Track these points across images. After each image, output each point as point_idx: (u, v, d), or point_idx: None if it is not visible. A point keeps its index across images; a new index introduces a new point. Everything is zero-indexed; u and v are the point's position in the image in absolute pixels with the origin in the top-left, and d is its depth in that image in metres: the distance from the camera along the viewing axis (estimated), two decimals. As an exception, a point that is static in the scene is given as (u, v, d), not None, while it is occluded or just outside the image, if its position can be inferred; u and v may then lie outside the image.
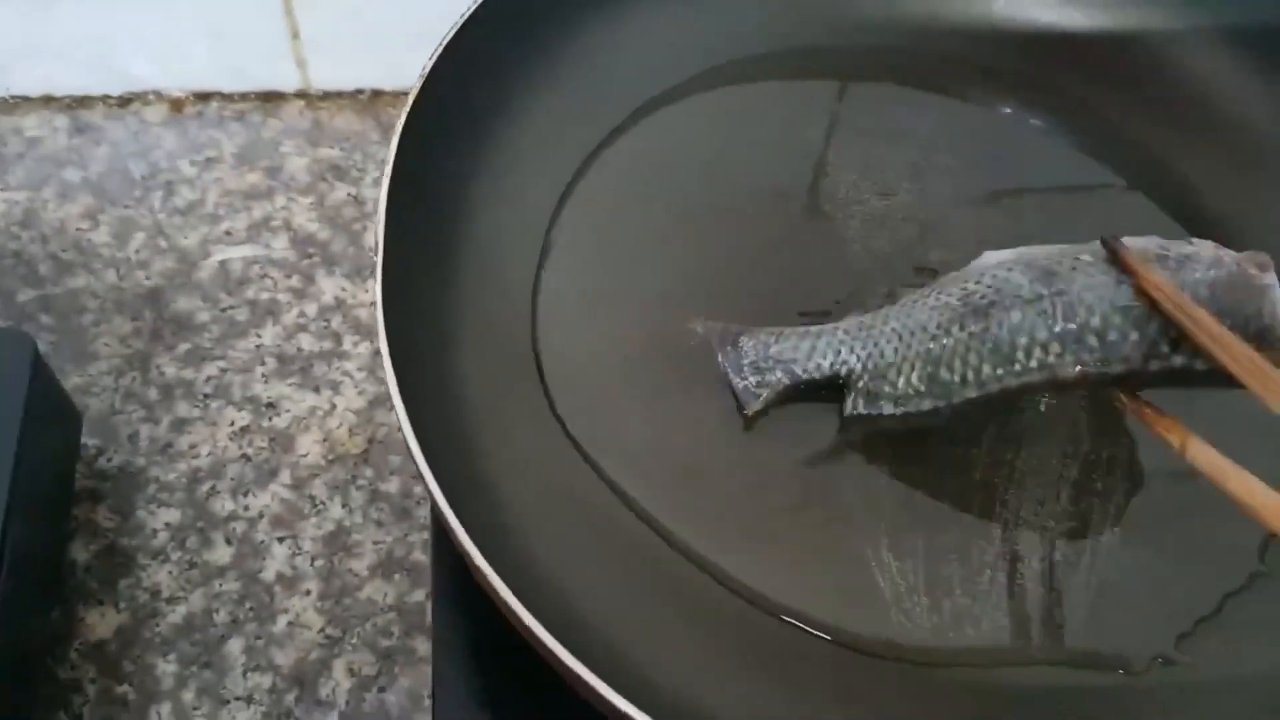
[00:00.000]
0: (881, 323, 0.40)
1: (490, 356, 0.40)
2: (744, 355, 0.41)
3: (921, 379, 0.39)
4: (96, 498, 0.47)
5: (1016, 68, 0.48)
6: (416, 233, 0.39)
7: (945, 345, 0.38)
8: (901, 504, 0.39)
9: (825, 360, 0.40)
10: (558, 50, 0.46)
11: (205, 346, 0.51)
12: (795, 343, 0.41)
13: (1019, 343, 0.37)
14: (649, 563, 0.37)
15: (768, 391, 0.40)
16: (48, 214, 0.54)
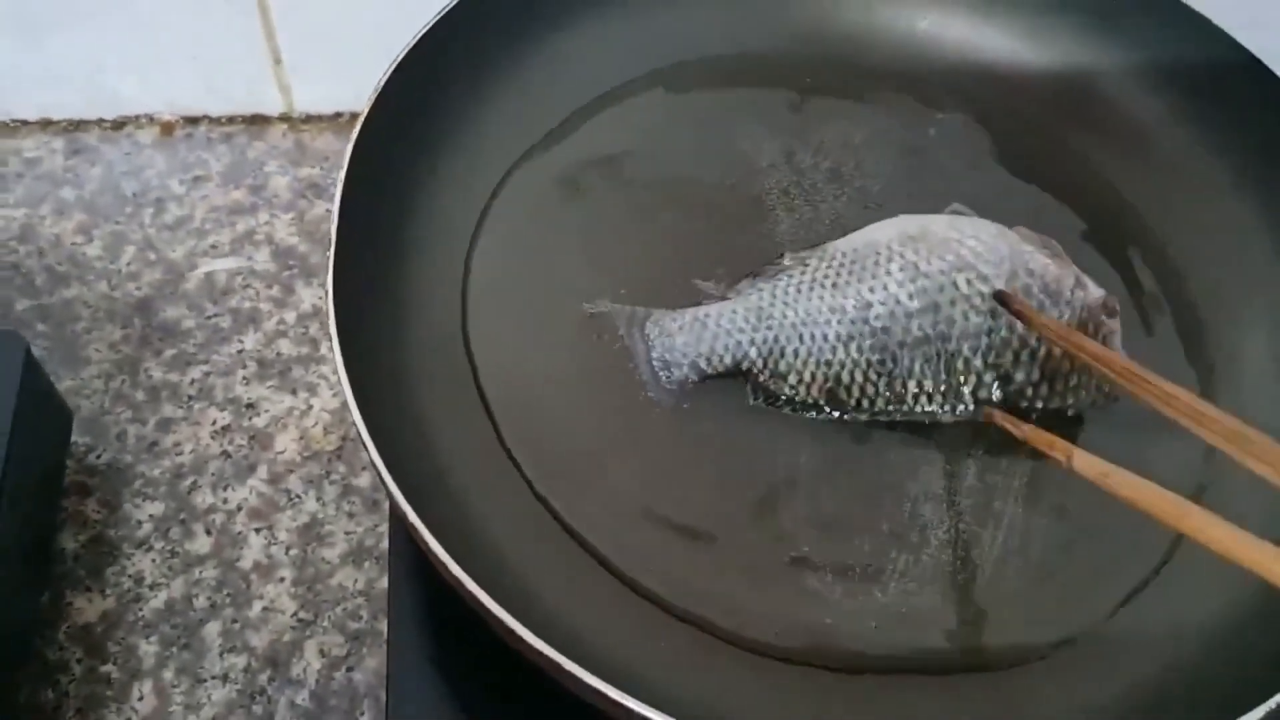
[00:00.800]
0: (780, 311, 0.43)
1: (430, 352, 0.43)
2: (651, 346, 0.44)
3: (821, 392, 0.42)
4: (86, 491, 0.50)
5: (941, 81, 0.52)
6: (367, 232, 0.42)
7: (843, 364, 0.42)
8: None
9: (728, 355, 0.43)
10: (505, 61, 0.49)
11: (190, 352, 0.54)
12: (698, 333, 0.43)
13: (909, 388, 0.42)
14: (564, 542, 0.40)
15: (677, 388, 0.43)
16: (44, 229, 0.57)
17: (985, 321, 0.41)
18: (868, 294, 0.42)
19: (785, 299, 0.43)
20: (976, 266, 0.41)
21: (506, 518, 0.40)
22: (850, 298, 0.42)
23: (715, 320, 0.43)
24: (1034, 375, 0.41)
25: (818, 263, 0.44)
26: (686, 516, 0.40)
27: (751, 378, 0.43)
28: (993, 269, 0.41)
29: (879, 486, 0.41)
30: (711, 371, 0.43)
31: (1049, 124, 0.50)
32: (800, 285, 0.43)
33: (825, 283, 0.43)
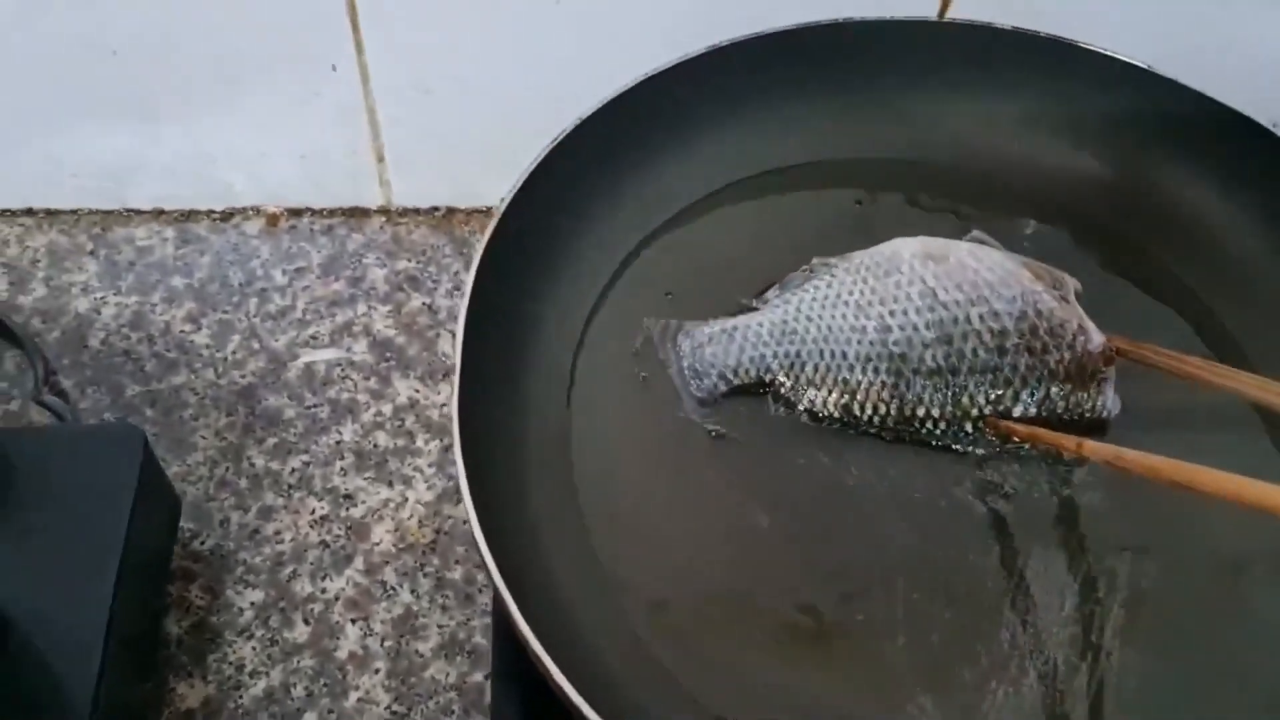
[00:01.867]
0: (804, 327, 0.46)
1: (540, 461, 0.45)
2: (683, 357, 0.47)
3: (836, 407, 0.45)
4: (190, 577, 0.52)
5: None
6: (486, 337, 0.44)
7: (859, 383, 0.45)
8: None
9: (753, 368, 0.46)
10: (617, 175, 0.51)
11: (291, 441, 0.56)
12: (725, 345, 0.47)
13: (918, 413, 0.45)
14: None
15: (706, 395, 0.46)
16: (155, 316, 0.60)
17: (992, 359, 0.44)
18: (888, 317, 0.45)
19: (809, 314, 0.46)
20: (990, 302, 0.44)
21: (609, 631, 0.41)
22: (872, 319, 0.45)
23: (742, 334, 0.47)
24: (1030, 413, 0.44)
25: (843, 275, 0.47)
26: (781, 631, 0.41)
27: (773, 389, 0.46)
28: (1005, 305, 0.44)
29: (979, 613, 0.42)
30: (738, 382, 0.46)
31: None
32: (825, 300, 0.46)
33: (848, 299, 0.46)
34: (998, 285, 0.44)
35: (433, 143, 0.61)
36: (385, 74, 0.58)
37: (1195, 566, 0.42)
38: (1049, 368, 0.44)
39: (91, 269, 0.62)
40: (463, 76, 0.58)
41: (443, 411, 0.57)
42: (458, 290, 0.61)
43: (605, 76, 0.51)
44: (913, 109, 0.53)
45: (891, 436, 0.45)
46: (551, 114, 0.59)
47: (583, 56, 0.58)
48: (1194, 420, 0.45)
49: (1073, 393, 0.44)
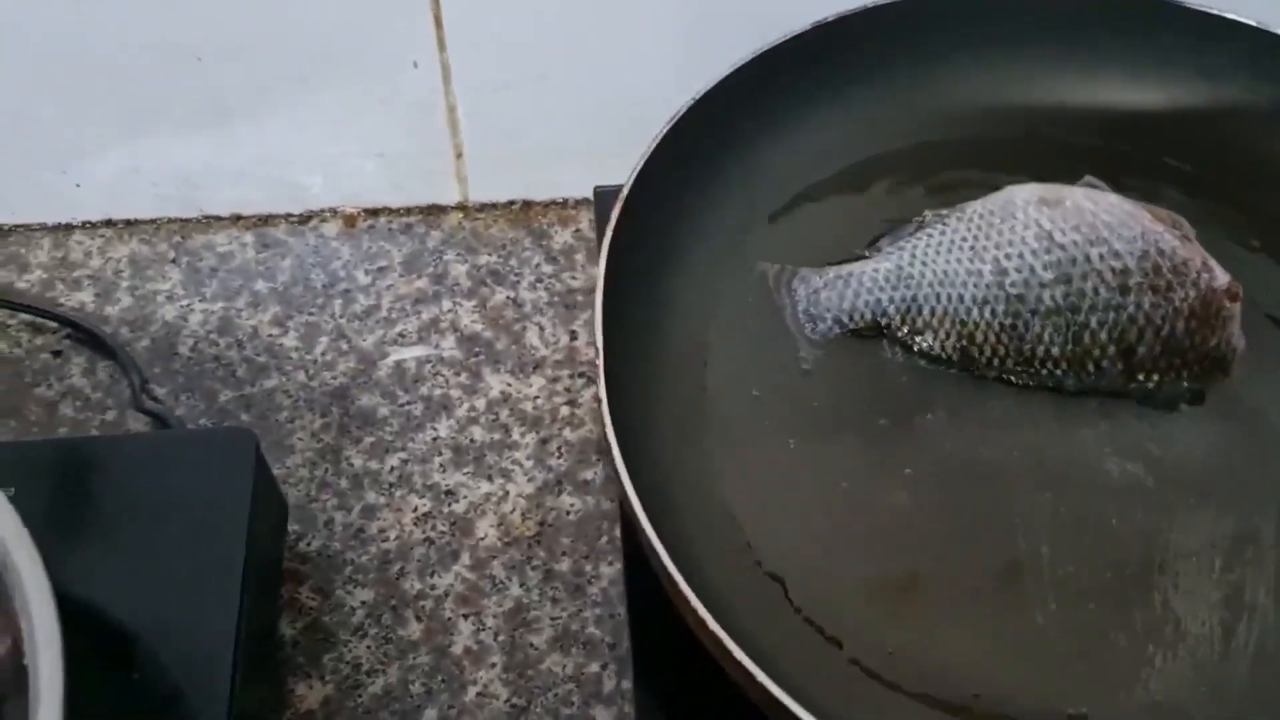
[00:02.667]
0: (919, 271, 0.46)
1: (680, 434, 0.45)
2: (798, 302, 0.47)
3: (954, 349, 0.45)
4: (299, 579, 0.52)
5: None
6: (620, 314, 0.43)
7: (977, 324, 0.45)
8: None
9: (869, 310, 0.46)
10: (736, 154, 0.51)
11: (388, 439, 0.56)
12: (840, 289, 0.47)
13: (1037, 353, 0.45)
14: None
15: (820, 339, 0.47)
16: (242, 322, 0.60)
17: (1115, 297, 0.44)
18: (1004, 260, 0.45)
19: (924, 259, 0.46)
20: (1110, 241, 0.44)
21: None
22: (987, 262, 0.45)
23: (857, 278, 0.47)
24: (1156, 350, 0.44)
25: (956, 223, 0.47)
26: (929, 605, 0.41)
27: (889, 332, 0.46)
28: (1125, 245, 0.44)
29: (1128, 578, 0.41)
30: (852, 326, 0.47)
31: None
32: (939, 245, 0.46)
33: (963, 244, 0.46)
34: (1117, 226, 0.44)
35: (510, 137, 0.61)
36: (467, 71, 0.57)
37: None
38: (1174, 305, 0.43)
39: (175, 277, 0.62)
40: (543, 71, 0.58)
41: (536, 404, 0.57)
42: (540, 283, 0.61)
43: (682, 65, 0.51)
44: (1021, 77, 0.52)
45: (1016, 381, 0.45)
46: (628, 104, 0.60)
47: (659, 46, 0.58)
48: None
49: (1198, 330, 0.43)
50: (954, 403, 0.44)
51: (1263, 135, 0.51)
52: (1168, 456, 0.42)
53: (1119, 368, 0.44)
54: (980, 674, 0.38)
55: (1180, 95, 0.52)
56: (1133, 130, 0.51)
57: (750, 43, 0.51)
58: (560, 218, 0.64)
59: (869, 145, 0.51)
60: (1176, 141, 0.51)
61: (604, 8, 0.56)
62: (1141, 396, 0.44)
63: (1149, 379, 0.44)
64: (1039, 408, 0.44)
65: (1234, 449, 0.43)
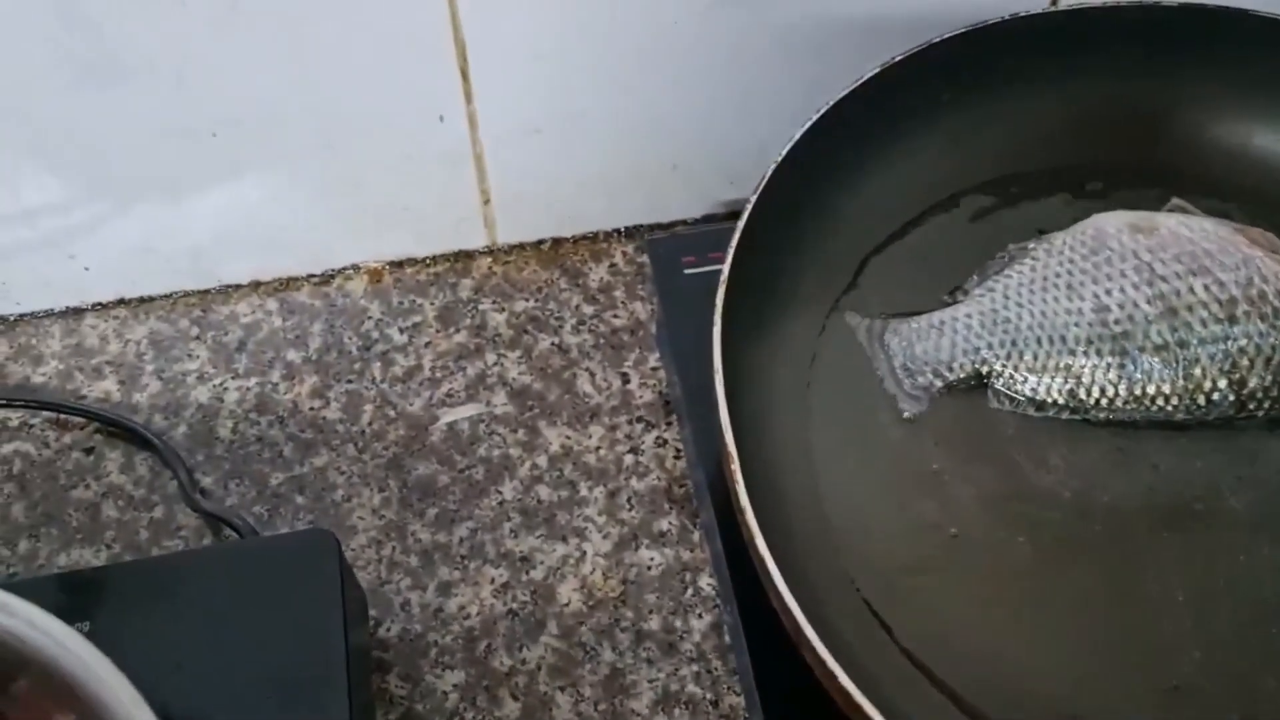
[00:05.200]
0: (1015, 315, 0.45)
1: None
2: (893, 356, 0.46)
3: (1061, 393, 0.44)
4: (385, 667, 0.50)
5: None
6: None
7: (1083, 367, 0.44)
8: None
9: (969, 360, 0.45)
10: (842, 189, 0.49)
11: (452, 509, 0.54)
12: (936, 340, 0.45)
13: (1148, 391, 0.44)
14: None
15: (923, 395, 0.45)
16: (280, 396, 0.57)
17: (1224, 329, 0.43)
18: (1104, 296, 0.44)
19: (1018, 299, 0.45)
20: (1212, 270, 0.43)
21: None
22: (1087, 300, 0.44)
23: (951, 326, 0.46)
24: (1267, 380, 0.43)
25: (1045, 257, 0.46)
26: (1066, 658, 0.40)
27: (992, 382, 0.45)
28: (1228, 274, 0.43)
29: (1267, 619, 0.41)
30: (953, 378, 0.45)
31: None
32: (1032, 284, 0.45)
33: (1059, 282, 0.45)
34: (1216, 253, 0.43)
35: (540, 178, 0.59)
36: (495, 119, 0.55)
37: None
38: None
39: (202, 354, 0.59)
40: (573, 112, 0.56)
41: (599, 455, 0.55)
42: (583, 325, 0.60)
43: (712, 103, 0.50)
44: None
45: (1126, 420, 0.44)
46: (658, 137, 0.58)
47: (688, 81, 0.56)
48: None
49: None
50: (1065, 448, 0.43)
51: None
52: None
53: (1231, 398, 0.43)
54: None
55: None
56: (1207, 151, 0.50)
57: (787, 74, 0.50)
58: (592, 253, 0.62)
59: (955, 180, 0.50)
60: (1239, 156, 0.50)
61: (632, 42, 0.54)
62: (1254, 425, 0.43)
63: (1260, 407, 0.43)
64: (1152, 445, 0.43)
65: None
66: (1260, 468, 0.43)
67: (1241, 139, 0.51)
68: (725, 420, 0.38)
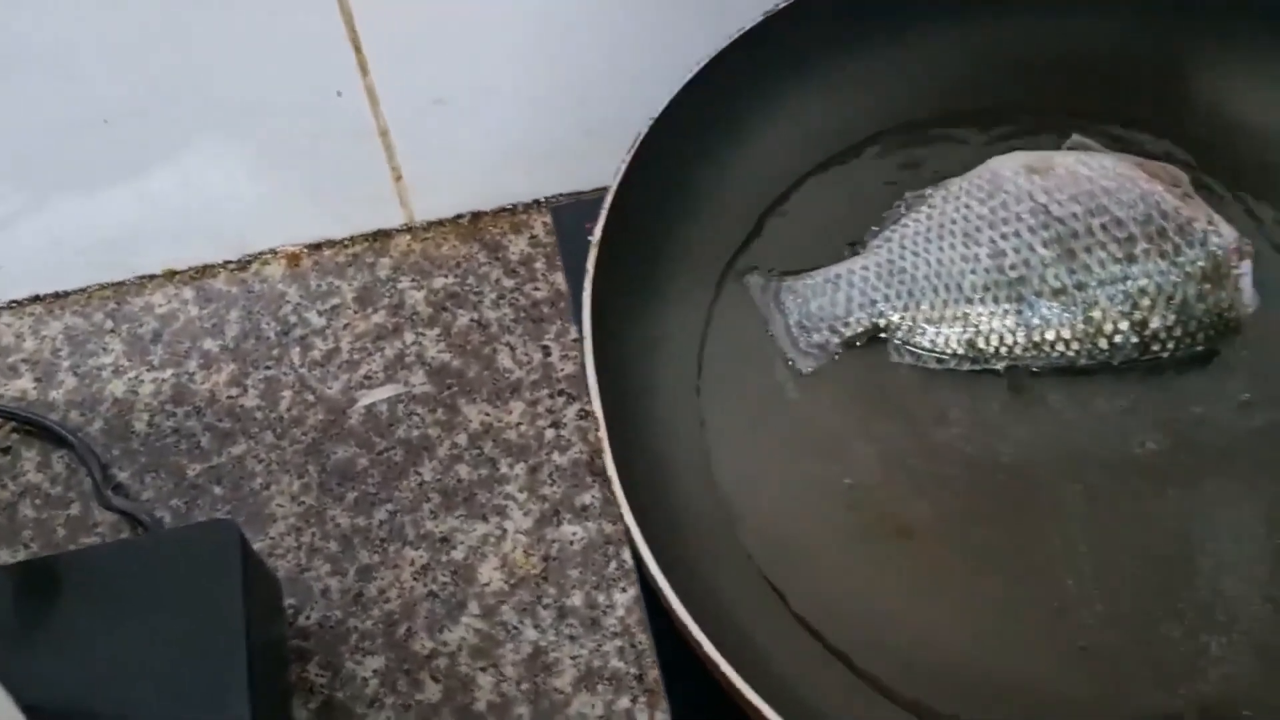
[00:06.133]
0: (911, 266, 0.43)
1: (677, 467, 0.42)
2: (789, 314, 0.45)
3: (960, 343, 0.43)
4: (304, 656, 0.49)
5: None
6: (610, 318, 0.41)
7: (981, 315, 0.43)
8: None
9: (865, 314, 0.44)
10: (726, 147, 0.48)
11: (371, 492, 0.53)
12: (831, 295, 0.44)
13: (1047, 337, 0.43)
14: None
15: (819, 352, 0.44)
16: (196, 386, 0.56)
17: (1122, 269, 0.42)
18: (1000, 241, 0.43)
19: (914, 249, 0.44)
20: (1110, 210, 0.42)
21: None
22: (984, 246, 0.43)
23: (847, 280, 0.44)
24: (1170, 319, 0.42)
25: (942, 204, 0.44)
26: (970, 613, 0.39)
27: (891, 334, 0.44)
28: (1126, 211, 0.42)
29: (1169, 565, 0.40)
30: (850, 333, 0.44)
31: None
32: (929, 233, 0.44)
33: (955, 229, 0.43)
34: (1115, 191, 0.42)
35: (452, 152, 0.58)
36: (394, 91, 0.54)
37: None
38: (1184, 270, 0.42)
39: (117, 347, 0.58)
40: (478, 82, 0.55)
41: (520, 432, 0.55)
42: (503, 300, 0.58)
43: (627, 64, 0.48)
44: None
45: (1023, 368, 0.43)
46: (570, 106, 0.57)
47: (595, 45, 0.54)
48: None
49: (1211, 293, 0.42)
50: (967, 401, 0.42)
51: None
52: (1190, 425, 0.41)
53: (1133, 340, 0.42)
54: (1040, 687, 0.37)
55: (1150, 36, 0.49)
56: (1110, 78, 0.49)
57: (698, 31, 0.48)
58: (512, 225, 0.61)
59: (850, 131, 0.48)
60: (1146, 88, 0.49)
61: (530, 10, 0.52)
62: (1156, 366, 0.42)
63: (1164, 348, 0.42)
64: (1055, 394, 0.42)
65: (1255, 408, 0.41)
66: (1164, 412, 0.41)
67: (1149, 72, 0.49)
68: (593, 386, 0.37)
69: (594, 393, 0.37)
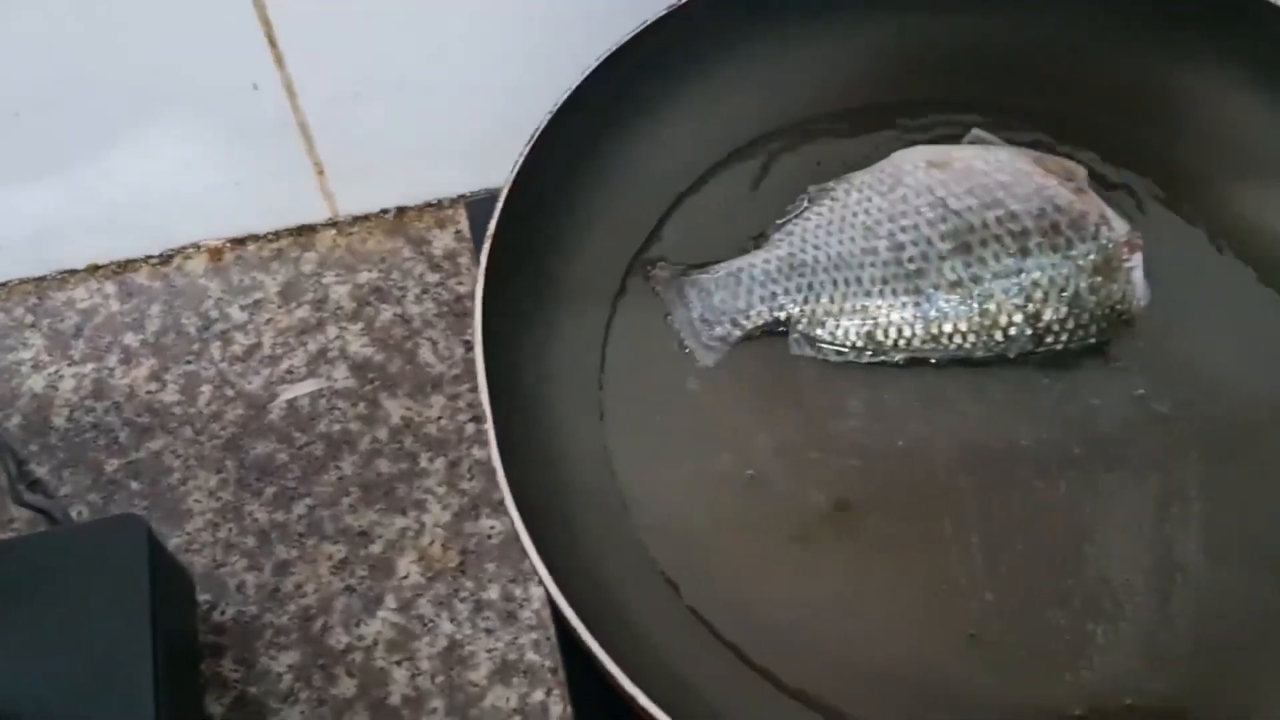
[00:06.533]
0: (812, 259, 0.44)
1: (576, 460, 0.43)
2: (691, 308, 0.45)
3: (859, 336, 0.44)
4: (219, 651, 0.49)
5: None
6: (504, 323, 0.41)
7: (880, 307, 0.43)
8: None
9: (766, 307, 0.44)
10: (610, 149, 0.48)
11: (290, 487, 0.53)
12: (733, 289, 0.45)
13: (944, 329, 0.43)
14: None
15: (720, 345, 0.45)
16: (116, 381, 0.56)
17: (1016, 262, 0.43)
18: (900, 234, 0.43)
19: (815, 242, 0.44)
20: (1005, 203, 0.43)
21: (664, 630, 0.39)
22: (883, 238, 0.43)
23: (748, 274, 0.45)
24: (1062, 312, 0.43)
25: (844, 197, 0.45)
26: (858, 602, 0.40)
27: (790, 326, 0.44)
28: (1021, 205, 0.43)
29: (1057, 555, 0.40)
30: (751, 325, 0.45)
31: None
32: (830, 226, 0.44)
33: (855, 222, 0.44)
34: (1011, 185, 0.42)
35: (372, 146, 0.58)
36: (312, 86, 0.54)
37: (1264, 462, 0.41)
38: (1076, 263, 0.42)
39: (37, 342, 0.58)
40: (395, 77, 0.54)
41: (440, 426, 0.55)
42: (426, 294, 0.58)
43: (550, 56, 0.48)
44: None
45: (921, 360, 0.43)
46: (492, 100, 0.57)
47: (522, 40, 0.54)
48: (1221, 303, 0.44)
49: (1102, 286, 0.43)
50: (866, 392, 0.42)
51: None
52: (1083, 417, 0.42)
53: (1027, 333, 0.43)
54: (930, 675, 0.38)
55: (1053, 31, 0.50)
56: (1016, 76, 0.49)
57: (617, 26, 0.48)
58: (437, 220, 0.61)
59: (758, 124, 0.49)
60: (1047, 80, 0.49)
61: (440, 7, 0.52)
62: (1051, 358, 0.43)
63: (1057, 340, 0.43)
64: (952, 386, 0.42)
65: (1146, 402, 0.42)
66: (1058, 404, 0.42)
67: (1054, 69, 0.50)
68: (482, 379, 0.37)
69: (482, 386, 0.38)
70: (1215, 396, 0.42)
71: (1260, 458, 0.41)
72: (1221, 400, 0.41)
